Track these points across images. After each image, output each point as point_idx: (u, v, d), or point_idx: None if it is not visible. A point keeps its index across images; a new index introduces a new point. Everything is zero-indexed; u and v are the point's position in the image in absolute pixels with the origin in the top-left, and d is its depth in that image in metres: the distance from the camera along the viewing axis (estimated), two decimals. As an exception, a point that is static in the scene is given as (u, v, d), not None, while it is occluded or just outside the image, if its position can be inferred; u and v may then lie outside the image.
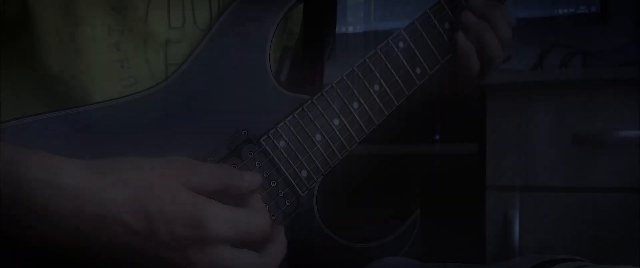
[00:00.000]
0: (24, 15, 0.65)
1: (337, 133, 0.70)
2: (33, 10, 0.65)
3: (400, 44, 0.72)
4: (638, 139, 1.23)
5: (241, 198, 0.61)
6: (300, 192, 0.68)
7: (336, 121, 0.70)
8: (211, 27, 0.69)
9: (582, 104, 1.28)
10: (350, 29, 1.72)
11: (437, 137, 1.36)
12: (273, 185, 0.67)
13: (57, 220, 0.54)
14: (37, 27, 0.66)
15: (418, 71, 0.73)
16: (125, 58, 0.68)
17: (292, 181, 0.68)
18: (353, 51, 1.65)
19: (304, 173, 0.68)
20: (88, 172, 0.56)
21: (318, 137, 0.69)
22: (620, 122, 1.26)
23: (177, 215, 0.55)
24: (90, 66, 0.66)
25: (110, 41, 0.67)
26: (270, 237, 0.61)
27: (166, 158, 0.58)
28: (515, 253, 1.25)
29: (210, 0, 0.71)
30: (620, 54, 1.38)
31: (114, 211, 0.54)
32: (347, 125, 0.70)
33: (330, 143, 0.69)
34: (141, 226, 0.54)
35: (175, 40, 0.69)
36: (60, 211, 0.54)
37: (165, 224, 0.55)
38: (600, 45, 1.51)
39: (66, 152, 0.59)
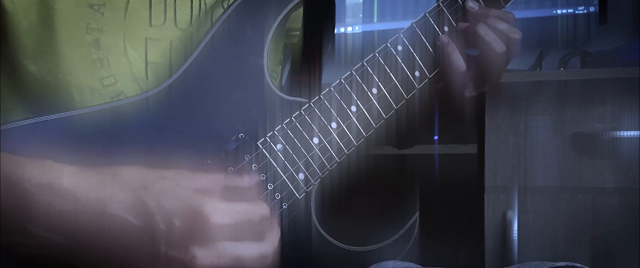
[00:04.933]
0: (1, 16, 0.65)
1: (335, 136, 0.70)
2: (9, 10, 0.65)
3: (399, 48, 0.72)
4: (637, 139, 1.23)
5: (239, 196, 0.60)
6: (297, 195, 0.68)
7: (334, 125, 0.69)
8: (211, 29, 0.69)
9: (581, 105, 1.28)
10: (351, 30, 1.72)
11: (436, 138, 1.36)
12: (270, 188, 0.67)
13: (59, 221, 0.54)
14: (13, 27, 0.65)
15: (417, 74, 0.73)
16: (105, 57, 0.67)
17: (290, 184, 0.68)
18: (357, 52, 1.65)
19: (301, 176, 0.68)
20: (87, 174, 0.56)
21: (316, 140, 0.69)
22: (619, 122, 1.26)
23: (175, 208, 0.55)
24: (69, 65, 0.66)
25: (88, 40, 0.67)
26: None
27: (167, 167, 0.58)
28: (514, 254, 1.25)
29: (191, 0, 0.71)
30: (619, 54, 1.38)
31: (113, 208, 0.54)
32: (345, 129, 0.70)
33: (328, 147, 0.69)
34: (140, 222, 0.54)
35: (154, 38, 0.69)
36: (61, 212, 0.54)
37: (165, 218, 0.54)
38: (599, 45, 1.51)
39: (66, 156, 0.59)
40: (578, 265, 0.65)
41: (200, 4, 0.71)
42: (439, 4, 0.73)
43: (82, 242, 0.55)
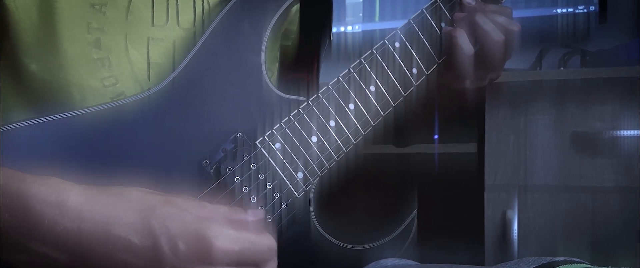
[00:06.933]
0: (3, 14, 0.65)
1: (333, 134, 0.69)
2: (10, 8, 0.65)
3: (397, 44, 0.72)
4: (637, 138, 1.23)
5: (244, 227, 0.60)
6: (296, 194, 0.68)
7: (332, 123, 0.69)
8: (208, 28, 0.69)
9: (581, 104, 1.28)
10: (351, 30, 1.72)
11: (436, 136, 1.36)
12: (269, 187, 0.67)
13: (63, 239, 0.54)
14: (15, 25, 0.66)
15: (415, 71, 0.73)
16: (106, 57, 0.67)
17: (288, 183, 0.68)
18: (357, 52, 1.64)
19: (300, 175, 0.68)
20: (93, 193, 0.56)
21: (314, 139, 0.69)
22: (619, 121, 1.26)
23: (180, 232, 0.55)
24: (70, 65, 0.66)
25: (89, 40, 0.67)
26: None
27: (172, 195, 0.58)
28: (514, 253, 1.25)
29: (194, 0, 0.71)
30: (619, 53, 1.37)
31: (118, 228, 0.54)
32: (343, 126, 0.70)
33: (327, 145, 0.69)
34: (145, 243, 0.54)
35: (157, 38, 0.69)
36: (65, 231, 0.54)
37: (169, 241, 0.54)
38: (599, 44, 1.51)
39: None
40: (576, 259, 0.65)
41: (203, 3, 0.71)
42: (435, 0, 0.73)
43: (86, 261, 0.55)
